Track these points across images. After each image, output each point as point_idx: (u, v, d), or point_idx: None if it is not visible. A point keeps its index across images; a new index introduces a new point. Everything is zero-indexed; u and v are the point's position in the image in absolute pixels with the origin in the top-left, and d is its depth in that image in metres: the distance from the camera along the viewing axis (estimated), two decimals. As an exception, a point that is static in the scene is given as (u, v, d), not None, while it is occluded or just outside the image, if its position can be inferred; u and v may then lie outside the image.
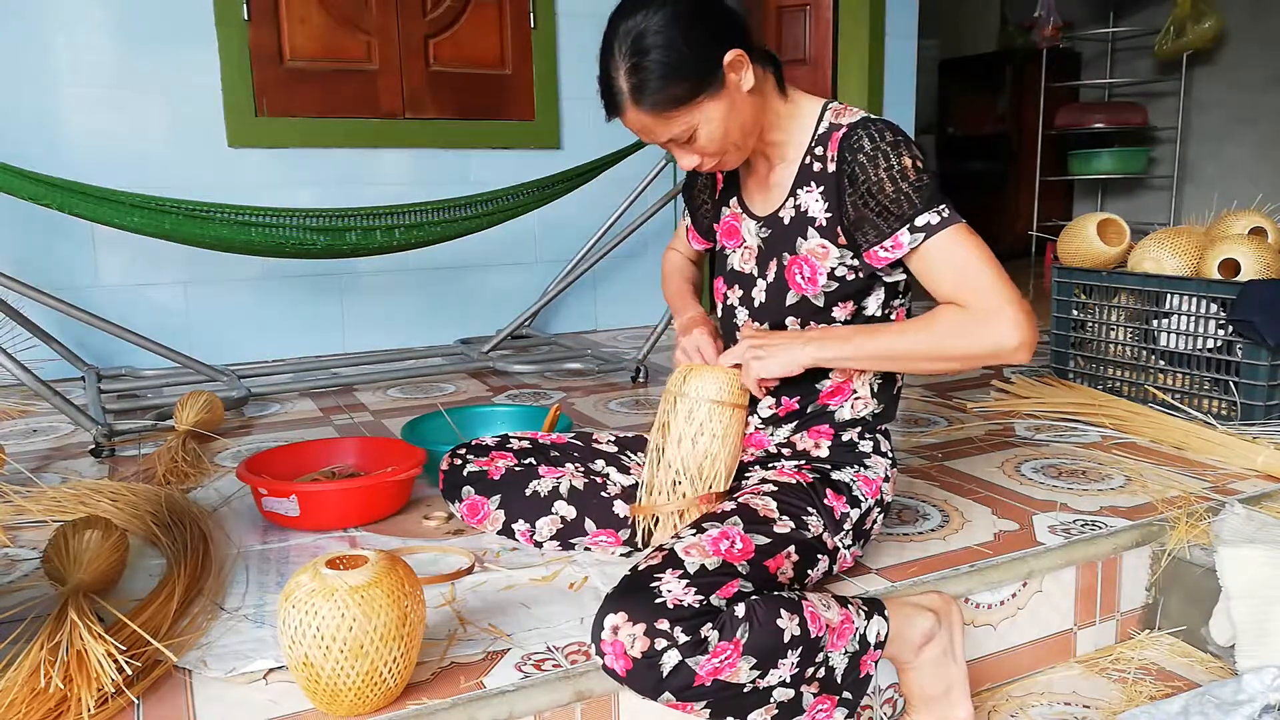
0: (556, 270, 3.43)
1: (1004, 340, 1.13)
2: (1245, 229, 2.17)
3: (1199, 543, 1.51)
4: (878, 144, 1.18)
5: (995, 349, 1.14)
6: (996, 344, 1.13)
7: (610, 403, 2.44)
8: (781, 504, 1.20)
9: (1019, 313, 1.12)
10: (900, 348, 1.20)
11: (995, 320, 1.13)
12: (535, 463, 1.47)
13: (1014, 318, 1.12)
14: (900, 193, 1.16)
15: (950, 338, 1.16)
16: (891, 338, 1.21)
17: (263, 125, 3.05)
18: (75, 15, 2.78)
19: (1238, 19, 4.91)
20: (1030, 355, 1.14)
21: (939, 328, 1.17)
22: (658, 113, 1.15)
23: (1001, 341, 1.13)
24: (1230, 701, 1.25)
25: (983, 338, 1.14)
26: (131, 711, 1.01)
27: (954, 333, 1.16)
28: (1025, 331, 1.12)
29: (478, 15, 3.33)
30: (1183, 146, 5.27)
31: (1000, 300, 1.13)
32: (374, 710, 1.00)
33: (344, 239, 2.54)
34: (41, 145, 2.76)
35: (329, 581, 0.98)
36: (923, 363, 1.22)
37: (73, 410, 2.05)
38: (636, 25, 1.12)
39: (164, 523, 1.48)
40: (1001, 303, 1.13)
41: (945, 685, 1.21)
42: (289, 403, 2.52)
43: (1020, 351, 1.13)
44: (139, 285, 2.95)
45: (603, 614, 0.99)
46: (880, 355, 1.22)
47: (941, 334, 1.17)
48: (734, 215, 1.37)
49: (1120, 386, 2.30)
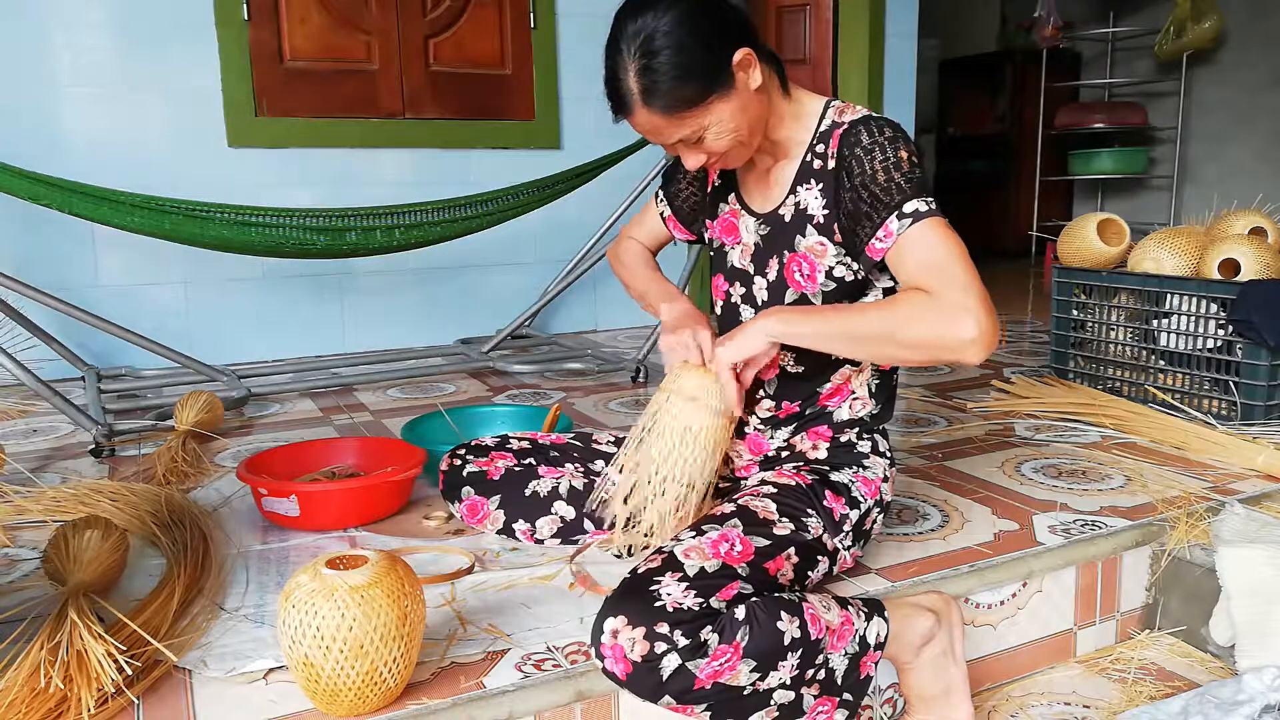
0: (556, 270, 3.43)
1: (962, 331, 1.08)
2: (1245, 229, 2.17)
3: (1199, 543, 1.51)
4: (875, 138, 1.18)
5: (953, 340, 1.09)
6: (954, 335, 1.08)
7: (610, 403, 2.44)
8: (781, 506, 1.20)
9: (980, 307, 1.08)
10: (861, 328, 1.16)
11: (956, 310, 1.08)
12: (535, 463, 1.47)
13: (975, 311, 1.08)
14: (892, 181, 1.15)
15: (910, 321, 1.12)
16: (851, 316, 1.18)
17: (263, 125, 3.05)
18: (75, 15, 2.78)
19: (1238, 19, 4.91)
20: (984, 356, 1.10)
21: (900, 310, 1.13)
22: (669, 114, 1.14)
23: (959, 333, 1.08)
24: (1230, 701, 1.25)
25: (941, 325, 1.09)
26: (131, 711, 1.01)
27: (914, 316, 1.12)
28: (985, 327, 1.08)
29: (478, 15, 3.33)
30: (1183, 146, 5.27)
31: (964, 291, 1.09)
32: (374, 710, 1.00)
33: (344, 239, 2.54)
34: (41, 145, 2.76)
35: (329, 581, 0.98)
36: (881, 346, 1.17)
37: (73, 410, 2.05)
38: (645, 26, 1.11)
39: (164, 523, 1.48)
40: (965, 294, 1.09)
41: (945, 685, 1.21)
42: (289, 403, 2.52)
43: (974, 346, 1.08)
44: (139, 285, 2.95)
45: (602, 617, 0.99)
46: (840, 334, 1.18)
47: (902, 317, 1.13)
48: (733, 212, 1.37)
49: (1120, 386, 2.30)
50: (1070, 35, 5.52)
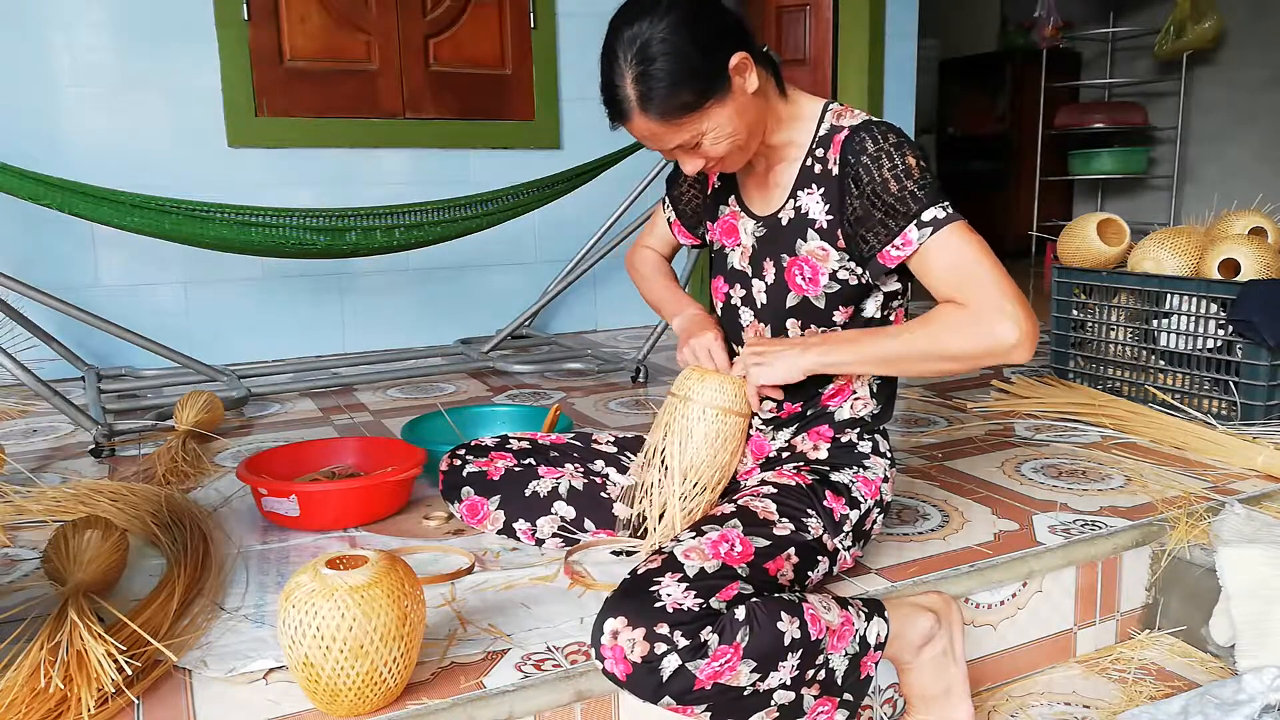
0: (556, 270, 3.43)
1: (1004, 337, 1.11)
2: (1245, 229, 2.17)
3: (1199, 543, 1.51)
4: (881, 145, 1.18)
5: (995, 346, 1.12)
6: (996, 341, 1.11)
7: (610, 403, 2.44)
8: (781, 506, 1.20)
9: (1019, 309, 1.11)
10: (901, 350, 1.19)
11: (995, 317, 1.11)
12: (535, 463, 1.47)
13: (1014, 314, 1.10)
14: (905, 190, 1.15)
15: (950, 336, 1.15)
16: (892, 340, 1.20)
17: (263, 125, 3.05)
18: (75, 15, 2.78)
19: (1238, 19, 4.91)
20: (1030, 353, 1.13)
21: (938, 327, 1.16)
22: (666, 120, 1.14)
23: (1001, 338, 1.11)
24: (1230, 701, 1.25)
25: (982, 335, 1.12)
26: (131, 711, 1.01)
27: (953, 331, 1.14)
28: (1025, 328, 1.10)
29: (478, 15, 3.33)
30: (1183, 146, 5.27)
31: (1000, 297, 1.11)
32: (374, 710, 1.00)
33: (344, 239, 2.54)
34: (41, 145, 2.76)
35: (329, 581, 0.98)
36: (923, 364, 1.20)
37: (73, 410, 2.05)
38: (641, 32, 1.11)
39: (164, 523, 1.48)
40: (1001, 299, 1.11)
41: (945, 685, 1.21)
42: (289, 403, 2.52)
43: (1020, 349, 1.11)
44: (139, 285, 2.95)
45: (602, 618, 0.99)
46: (882, 359, 1.22)
47: (941, 333, 1.15)
48: (733, 214, 1.37)
49: (1120, 386, 2.30)
50: (1070, 35, 5.52)
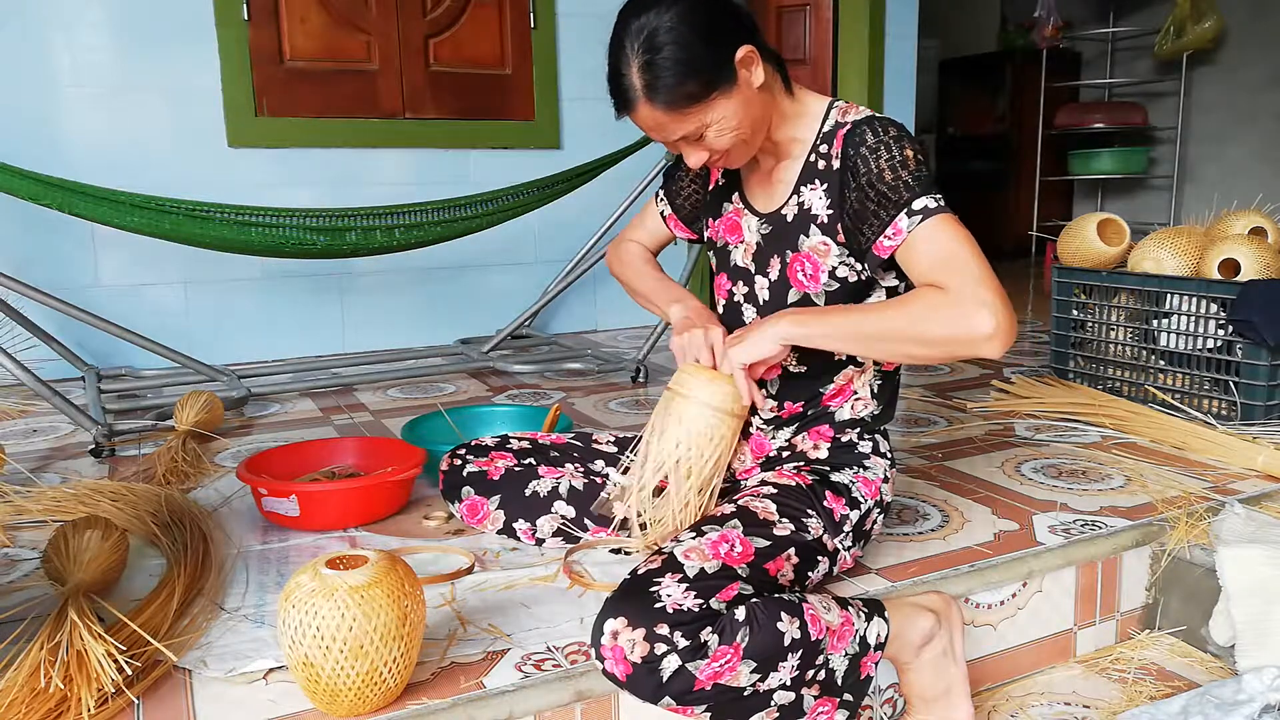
0: (556, 270, 3.43)
1: (979, 326, 1.08)
2: (1245, 229, 2.17)
3: (1199, 543, 1.51)
4: (880, 137, 1.18)
5: (969, 334, 1.09)
6: (971, 328, 1.08)
7: (610, 403, 2.44)
8: (781, 506, 1.20)
9: (998, 302, 1.08)
10: (876, 327, 1.16)
11: (973, 305, 1.08)
12: (535, 463, 1.47)
13: (992, 305, 1.07)
14: (899, 179, 1.15)
15: (926, 317, 1.12)
16: (867, 317, 1.17)
17: (263, 125, 3.05)
18: (75, 15, 2.78)
19: (1238, 19, 4.91)
20: (1002, 350, 1.09)
21: (915, 307, 1.13)
22: (671, 110, 1.14)
23: (977, 326, 1.08)
24: (1230, 701, 1.25)
25: (958, 320, 1.09)
26: (131, 711, 1.01)
27: (930, 312, 1.12)
28: (1001, 322, 1.07)
29: (478, 15, 3.33)
30: (1183, 146, 5.27)
31: (980, 287, 1.09)
32: (374, 710, 1.00)
33: (344, 239, 2.54)
34: (41, 145, 2.75)
35: (329, 581, 0.98)
36: (897, 344, 1.16)
37: (73, 410, 2.05)
38: (649, 22, 1.11)
39: (164, 523, 1.48)
40: (981, 289, 1.08)
41: (945, 685, 1.21)
42: (289, 403, 2.52)
43: (993, 342, 1.08)
44: (139, 285, 2.95)
45: (602, 618, 0.99)
46: (855, 334, 1.18)
47: (917, 314, 1.13)
48: (736, 211, 1.37)
49: (1120, 386, 2.30)
50: (1070, 35, 5.52)
